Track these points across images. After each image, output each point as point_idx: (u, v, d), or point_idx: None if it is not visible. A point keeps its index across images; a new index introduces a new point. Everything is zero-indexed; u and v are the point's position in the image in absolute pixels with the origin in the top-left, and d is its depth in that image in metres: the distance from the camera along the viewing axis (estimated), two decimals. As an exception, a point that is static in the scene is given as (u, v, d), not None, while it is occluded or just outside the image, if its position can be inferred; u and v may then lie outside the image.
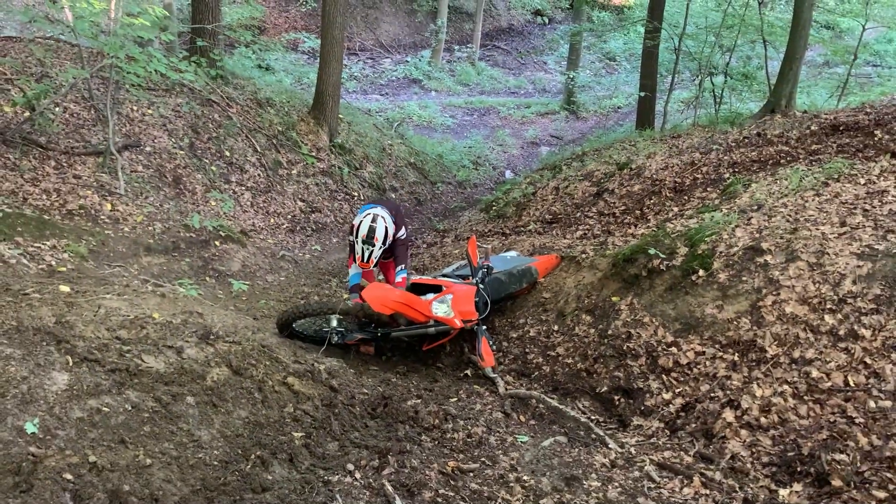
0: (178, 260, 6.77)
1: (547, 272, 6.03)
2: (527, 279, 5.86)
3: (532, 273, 5.89)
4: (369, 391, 4.34)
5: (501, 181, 13.95)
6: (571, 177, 9.24)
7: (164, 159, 8.28)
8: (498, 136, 17.21)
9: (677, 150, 8.78)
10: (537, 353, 5.13)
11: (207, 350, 3.82)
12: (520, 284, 5.82)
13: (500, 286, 5.72)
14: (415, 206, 12.47)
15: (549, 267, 6.06)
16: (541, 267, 6.00)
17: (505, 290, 5.76)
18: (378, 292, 5.16)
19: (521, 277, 5.84)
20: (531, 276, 5.88)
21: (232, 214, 8.63)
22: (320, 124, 11.39)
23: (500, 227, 8.95)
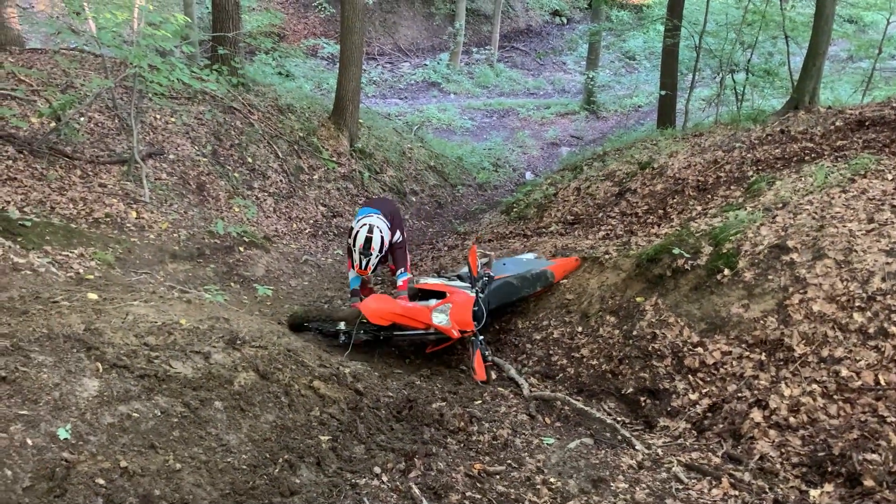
0: (202, 266, 6.84)
1: (565, 275, 6.02)
2: (541, 283, 5.85)
3: (547, 277, 5.88)
4: (394, 394, 4.36)
5: (522, 182, 13.93)
6: (593, 177, 9.21)
7: (187, 167, 8.38)
8: (518, 137, 17.19)
9: (700, 148, 8.72)
10: (561, 354, 5.12)
11: (234, 355, 3.86)
12: (533, 288, 5.81)
13: (510, 290, 5.72)
14: (435, 209, 12.49)
15: (567, 270, 6.05)
16: (558, 270, 5.99)
17: (517, 293, 5.76)
18: (375, 305, 5.25)
19: (535, 281, 5.83)
20: (546, 279, 5.87)
21: (255, 220, 8.71)
22: (340, 129, 11.46)
23: (521, 229, 8.94)
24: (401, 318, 5.22)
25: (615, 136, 15.45)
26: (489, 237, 9.16)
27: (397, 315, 5.23)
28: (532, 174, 14.86)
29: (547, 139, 17.48)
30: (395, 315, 5.23)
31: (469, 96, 20.72)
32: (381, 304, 5.30)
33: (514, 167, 15.45)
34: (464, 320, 5.13)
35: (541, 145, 17.02)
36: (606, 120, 19.01)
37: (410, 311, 5.28)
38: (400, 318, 5.22)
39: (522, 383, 4.82)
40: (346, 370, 4.39)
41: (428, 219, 12.01)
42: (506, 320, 5.97)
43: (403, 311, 5.27)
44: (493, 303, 5.60)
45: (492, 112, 19.39)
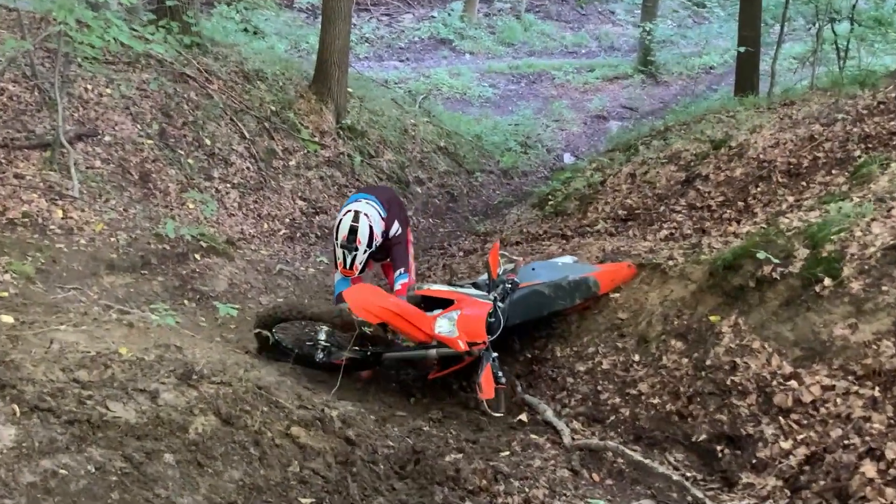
0: (148, 279, 6.88)
1: (613, 286, 6.03)
2: (581, 294, 5.86)
3: (589, 286, 5.89)
4: (395, 444, 4.36)
5: (559, 168, 13.94)
6: (651, 160, 9.19)
7: (127, 151, 8.42)
8: (553, 109, 17.20)
9: (790, 121, 8.68)
10: (613, 391, 5.11)
11: (189, 394, 3.87)
12: (570, 300, 5.83)
13: (540, 302, 5.76)
14: (447, 203, 12.51)
15: (616, 279, 6.06)
16: (604, 279, 5.99)
17: (548, 306, 5.80)
18: (363, 294, 5.35)
19: (573, 291, 5.84)
20: (587, 289, 5.88)
21: (215, 219, 8.74)
22: (324, 101, 11.51)
23: (558, 228, 8.94)
24: (394, 317, 5.28)
25: (680, 107, 15.43)
26: (517, 238, 9.16)
27: (390, 312, 5.28)
28: (572, 156, 14.86)
29: (591, 111, 17.48)
30: (386, 311, 5.28)
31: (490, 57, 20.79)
32: (370, 295, 5.36)
33: (548, 148, 15.45)
34: (474, 330, 5.20)
35: (583, 119, 17.02)
36: (668, 85, 19.00)
37: (408, 312, 5.33)
38: (393, 317, 5.27)
39: (562, 429, 4.81)
40: (332, 412, 4.40)
41: (437, 215, 12.03)
42: (539, 345, 5.97)
43: (399, 310, 5.32)
44: (515, 317, 5.66)
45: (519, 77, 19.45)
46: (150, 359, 4.06)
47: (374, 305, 5.27)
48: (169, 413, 3.68)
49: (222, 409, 3.88)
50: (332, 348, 5.73)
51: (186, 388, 3.91)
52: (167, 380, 3.91)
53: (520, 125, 15.95)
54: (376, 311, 5.26)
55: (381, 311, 5.27)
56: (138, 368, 3.93)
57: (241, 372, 4.34)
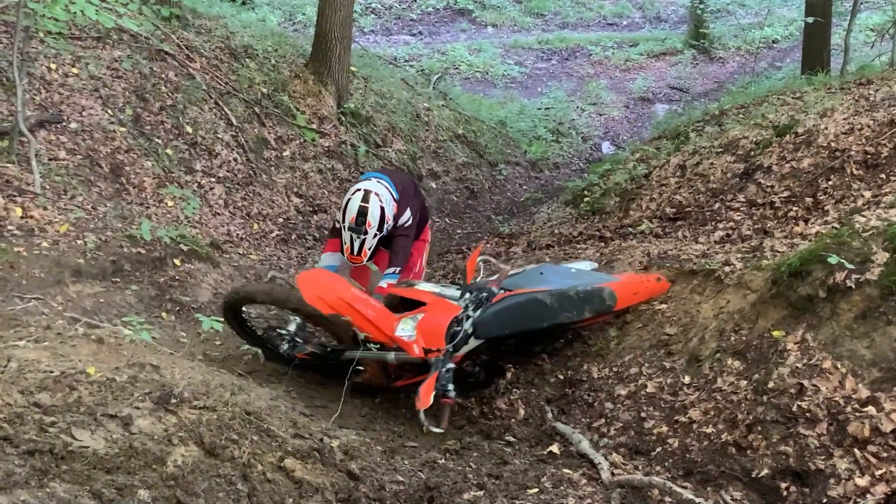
0: (120, 288, 6.91)
1: (635, 301, 6.06)
2: (592, 307, 5.86)
3: (603, 298, 5.89)
4: (406, 479, 4.35)
5: (596, 159, 13.91)
6: (704, 149, 9.15)
7: (97, 140, 8.46)
8: (590, 90, 17.17)
9: (867, 103, 8.62)
10: (659, 418, 5.09)
11: (167, 420, 3.88)
12: (578, 313, 5.83)
13: (538, 312, 5.76)
14: (465, 200, 12.52)
15: (640, 293, 6.09)
16: (623, 292, 5.99)
17: (549, 317, 5.79)
18: (320, 280, 5.58)
19: (583, 303, 5.83)
20: (600, 302, 5.88)
21: (197, 219, 8.77)
22: (323, 82, 11.54)
23: (595, 228, 8.92)
24: (352, 311, 5.45)
25: (737, 87, 15.37)
26: (547, 241, 9.14)
27: (347, 305, 5.45)
28: (612, 145, 14.83)
29: (634, 92, 17.43)
30: (343, 304, 5.45)
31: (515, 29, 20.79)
32: (328, 282, 5.57)
33: (583, 135, 15.43)
34: (433, 336, 5.35)
35: (625, 102, 16.98)
36: (724, 62, 18.93)
37: (368, 308, 5.50)
38: (350, 311, 5.44)
39: (600, 462, 4.79)
40: (333, 442, 4.40)
41: (455, 214, 12.03)
42: (573, 365, 5.95)
43: (358, 304, 5.48)
44: (504, 327, 5.75)
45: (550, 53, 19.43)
46: (122, 380, 4.06)
47: (331, 295, 5.44)
48: (144, 442, 3.69)
49: (205, 437, 3.88)
50: (298, 341, 6.05)
51: (164, 414, 3.92)
52: (142, 404, 3.92)
53: (551, 109, 15.94)
54: (331, 302, 5.43)
55: (336, 301, 5.43)
56: (108, 391, 3.94)
57: (228, 395, 4.34)
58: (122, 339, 5.02)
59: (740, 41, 19.45)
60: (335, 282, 5.68)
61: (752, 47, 19.10)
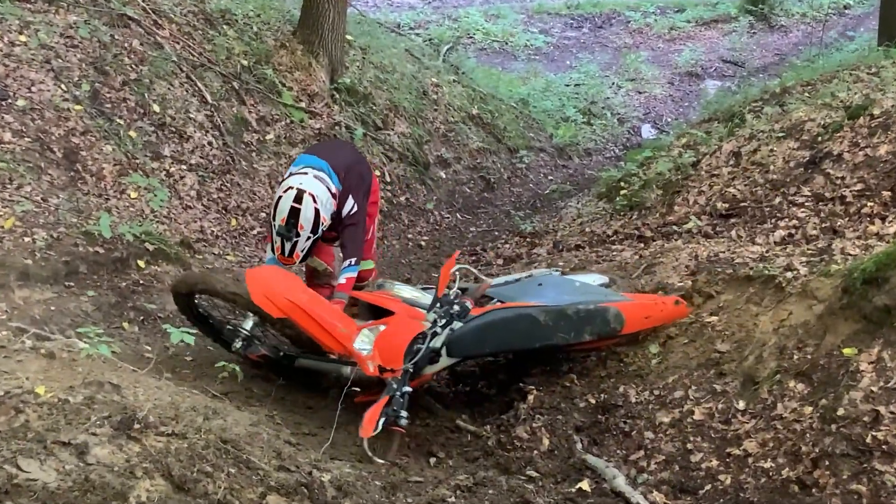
0: (75, 293, 6.91)
1: (647, 326, 6.15)
2: (594, 328, 5.95)
3: (607, 320, 5.97)
4: (410, 520, 4.35)
5: (635, 144, 13.90)
6: (763, 133, 9.14)
7: (48, 121, 8.46)
8: (627, 63, 17.14)
9: (956, 80, 8.61)
10: (708, 450, 5.08)
11: (129, 449, 3.88)
12: (576, 334, 5.92)
13: (529, 330, 5.86)
14: (480, 192, 12.51)
15: (653, 317, 6.18)
16: (633, 314, 6.08)
17: (542, 337, 5.90)
18: (271, 279, 5.76)
19: (582, 324, 5.92)
20: (603, 324, 5.97)
21: (166, 213, 8.76)
22: (314, 53, 11.54)
23: (633, 227, 8.90)
24: (303, 317, 5.63)
25: (803, 61, 15.30)
26: (576, 241, 9.13)
27: (298, 309, 5.62)
28: (653, 129, 14.82)
29: (679, 67, 17.40)
30: (294, 307, 5.62)
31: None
32: (279, 281, 5.74)
33: (620, 117, 15.40)
34: (391, 354, 5.49)
35: (669, 77, 16.96)
36: (786, 31, 18.89)
37: (324, 314, 5.69)
38: (302, 316, 5.63)
39: (639, 501, 4.79)
40: (324, 477, 4.40)
41: (468, 209, 12.03)
42: (606, 387, 5.94)
43: (312, 309, 5.65)
44: (477, 346, 5.92)
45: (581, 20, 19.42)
46: (76, 401, 4.06)
47: (280, 296, 5.59)
48: (102, 475, 3.69)
49: (174, 469, 3.89)
50: (254, 341, 6.28)
51: (126, 442, 3.92)
52: (100, 430, 3.92)
53: (581, 86, 15.93)
54: (281, 304, 5.58)
55: (287, 305, 5.59)
56: (61, 414, 3.94)
57: (201, 420, 4.34)
58: (77, 354, 5.01)
59: (806, 6, 19.42)
60: (286, 282, 5.82)
61: (819, 14, 19.07)
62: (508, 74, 16.02)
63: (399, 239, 10.96)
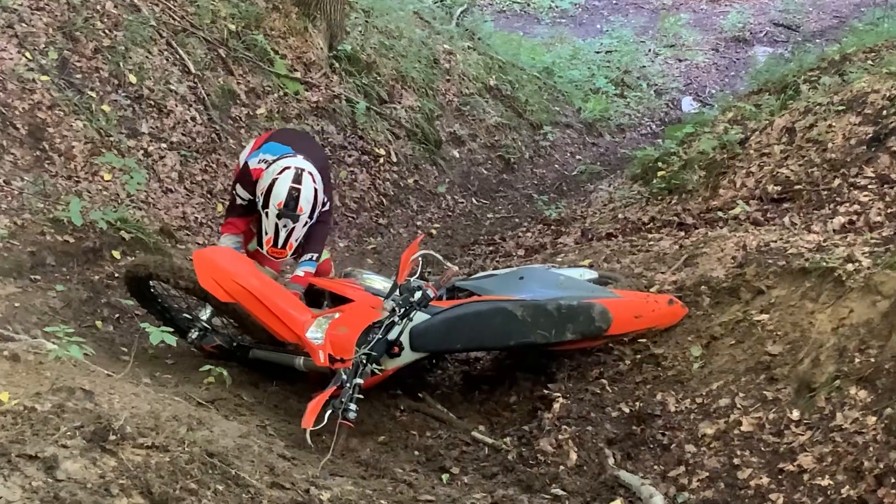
0: (41, 288, 6.91)
1: (636, 327, 6.30)
2: (576, 326, 6.12)
3: (592, 318, 6.13)
4: (419, 545, 4.36)
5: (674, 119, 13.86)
6: (820, 106, 9.11)
7: (11, 93, 8.47)
8: (666, 27, 17.11)
9: None
10: (758, 465, 5.08)
11: (104, 463, 3.88)
12: (557, 333, 6.09)
13: (504, 326, 6.07)
14: (499, 174, 12.49)
15: (643, 316, 6.33)
16: (620, 312, 6.23)
17: (518, 335, 6.11)
18: (220, 261, 6.00)
19: (564, 321, 6.08)
20: (587, 322, 6.13)
21: (143, 198, 8.77)
22: (310, 16, 11.53)
23: (672, 213, 8.89)
24: (253, 302, 5.84)
25: (865, 24, 15.25)
26: (607, 229, 9.13)
27: (247, 293, 5.83)
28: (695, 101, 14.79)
29: (725, 31, 17.36)
30: (243, 291, 5.83)
31: (567, -54, 20.71)
32: (229, 263, 5.98)
33: (657, 88, 15.37)
34: (342, 343, 5.65)
35: (712, 43, 16.92)
36: (846, -10, 18.81)
37: (275, 300, 5.90)
38: (251, 301, 5.84)
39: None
40: (323, 495, 4.40)
41: (485, 192, 12.02)
42: (641, 394, 5.94)
43: (263, 293, 5.86)
44: (445, 341, 6.20)
45: (612, -22, 19.37)
46: (44, 409, 4.07)
47: (229, 279, 5.80)
48: (73, 492, 3.70)
49: (154, 486, 3.90)
50: (209, 332, 6.53)
51: (100, 455, 3.92)
52: (71, 441, 3.92)
53: (613, 53, 15.90)
54: (229, 288, 5.79)
55: (235, 288, 5.79)
56: (27, 424, 3.94)
57: (184, 431, 4.35)
58: (45, 356, 5.02)
59: (869, -38, 19.35)
60: (237, 265, 6.02)
61: (884, -30, 18.99)
62: (531, 40, 15.98)
63: (406, 227, 10.96)
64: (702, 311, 6.36)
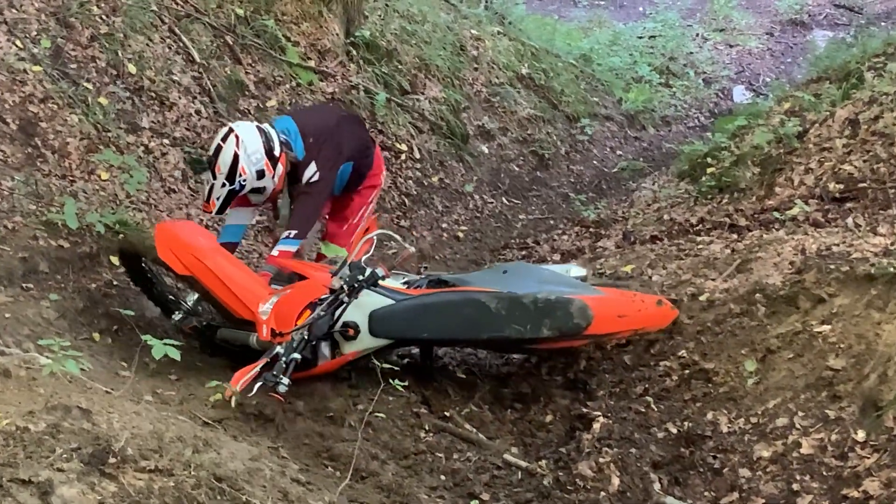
0: (34, 297, 6.92)
1: (620, 327, 6.47)
2: (553, 322, 6.25)
3: (570, 313, 6.26)
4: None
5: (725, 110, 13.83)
6: (887, 96, 9.08)
7: (0, 85, 8.51)
8: (715, 9, 17.09)
9: None
10: (820, 491, 5.07)
11: (103, 488, 3.89)
12: (533, 328, 6.25)
13: (475, 318, 6.29)
14: (532, 171, 12.50)
15: (627, 315, 6.50)
16: (602, 310, 6.37)
17: (490, 327, 6.32)
18: (179, 233, 6.46)
19: (541, 315, 6.24)
20: (565, 318, 6.25)
21: (145, 198, 8.77)
22: (325, 0, 11.54)
23: (723, 213, 8.89)
24: (209, 276, 6.26)
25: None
26: (652, 230, 9.13)
27: (203, 267, 6.24)
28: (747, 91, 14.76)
29: (780, 13, 17.33)
30: (199, 265, 6.25)
31: (605, -80, 20.71)
32: (188, 236, 6.42)
33: (706, 76, 15.36)
34: (285, 316, 6.02)
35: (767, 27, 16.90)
36: (914, -32, 18.75)
37: (233, 273, 6.36)
38: (207, 274, 6.26)
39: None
40: (343, 523, 4.40)
41: (517, 191, 12.01)
42: (691, 412, 5.93)
43: (220, 268, 6.29)
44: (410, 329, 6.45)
45: (656, -45, 19.36)
46: (38, 429, 4.08)
47: (186, 252, 6.20)
48: (70, 520, 3.71)
49: (158, 514, 3.90)
50: (191, 315, 7.06)
51: (99, 479, 3.93)
52: (67, 464, 3.93)
53: (657, 38, 15.89)
54: (186, 261, 6.20)
55: (191, 261, 6.19)
56: (19, 445, 3.95)
57: (189, 453, 4.36)
58: (38, 371, 5.05)
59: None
60: (197, 239, 6.40)
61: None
62: (566, 25, 16.00)
63: (431, 229, 10.96)
64: (756, 322, 6.34)
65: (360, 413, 5.97)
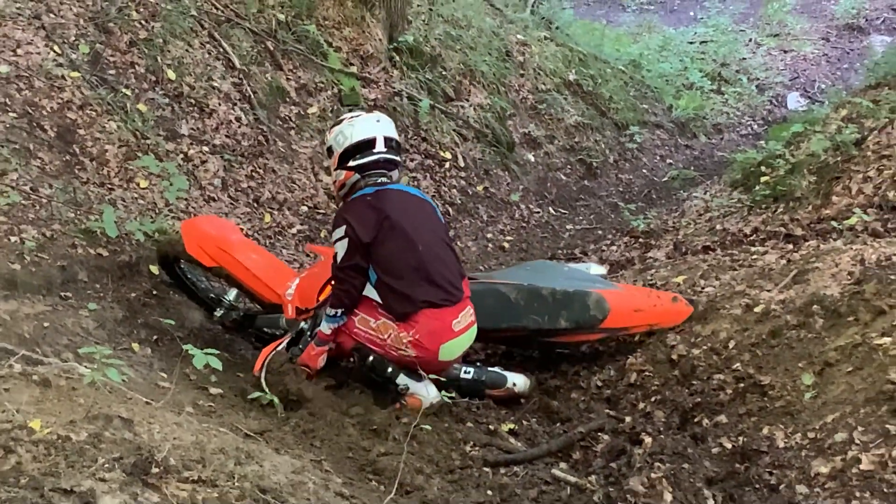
0: (73, 307, 6.95)
1: (636, 322, 6.61)
2: (571, 314, 6.51)
3: (587, 306, 6.51)
4: None
5: (780, 118, 13.78)
6: (947, 103, 9.04)
7: (38, 91, 8.55)
8: (769, 14, 17.02)
9: None
10: (882, 511, 5.03)
11: (146, 498, 3.90)
12: (551, 319, 6.53)
13: (495, 308, 6.53)
14: (580, 180, 12.48)
15: (643, 310, 6.63)
16: (619, 304, 6.58)
17: (511, 318, 6.60)
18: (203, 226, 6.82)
19: (559, 307, 6.51)
20: (582, 310, 6.51)
21: (184, 206, 8.79)
22: (368, 4, 11.59)
23: (778, 223, 8.85)
24: (236, 266, 6.56)
25: None
26: (704, 241, 9.09)
27: (231, 259, 6.55)
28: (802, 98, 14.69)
29: (837, 18, 17.26)
30: (226, 256, 6.55)
31: (655, -77, 20.68)
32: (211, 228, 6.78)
33: (760, 83, 15.29)
34: (308, 293, 6.26)
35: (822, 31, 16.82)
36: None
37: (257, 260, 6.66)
38: (235, 265, 6.55)
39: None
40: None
41: (564, 201, 12.01)
42: (746, 427, 5.91)
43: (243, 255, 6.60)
44: None
45: (707, -42, 19.30)
46: (79, 439, 4.09)
47: (212, 244, 6.49)
48: (112, 531, 3.72)
49: (201, 526, 3.91)
50: (233, 311, 7.32)
51: (142, 490, 3.94)
52: (109, 474, 3.95)
53: (709, 44, 15.85)
54: (212, 252, 6.49)
55: (217, 252, 6.47)
56: (61, 455, 3.97)
57: (232, 464, 4.37)
58: (78, 381, 5.06)
59: None
60: (221, 230, 6.71)
61: None
62: (615, 30, 15.98)
63: (476, 239, 10.96)
64: (814, 334, 6.30)
65: (404, 426, 5.96)
